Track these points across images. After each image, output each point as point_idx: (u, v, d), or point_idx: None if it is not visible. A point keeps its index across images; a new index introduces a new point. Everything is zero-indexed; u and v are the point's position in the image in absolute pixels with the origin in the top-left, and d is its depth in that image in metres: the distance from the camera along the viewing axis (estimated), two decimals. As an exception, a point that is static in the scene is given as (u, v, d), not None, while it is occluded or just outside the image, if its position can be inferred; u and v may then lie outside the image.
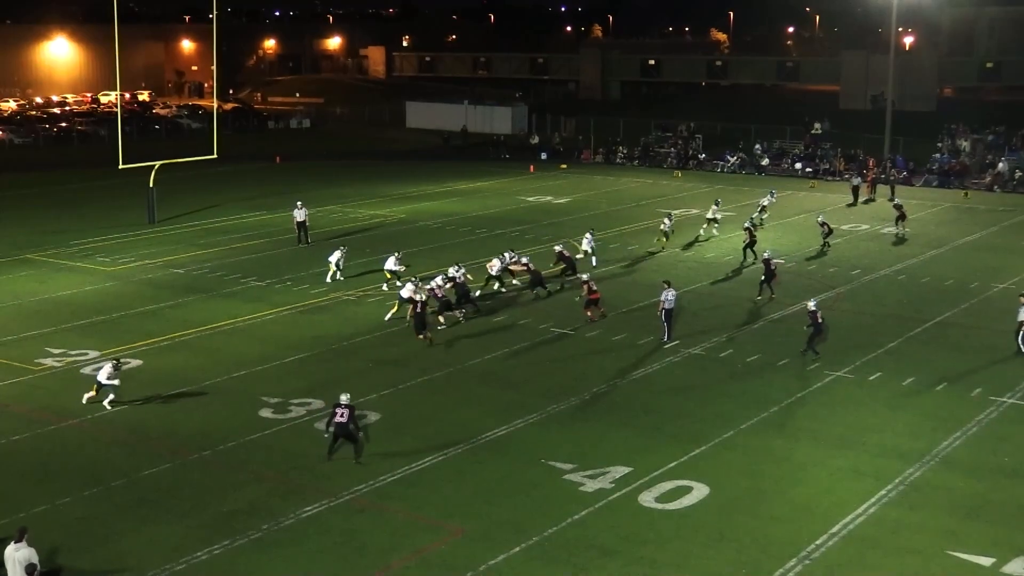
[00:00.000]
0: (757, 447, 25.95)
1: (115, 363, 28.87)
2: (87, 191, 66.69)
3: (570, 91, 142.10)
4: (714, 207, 53.22)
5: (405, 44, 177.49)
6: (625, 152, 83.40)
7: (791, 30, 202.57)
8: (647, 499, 22.91)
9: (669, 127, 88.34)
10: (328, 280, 41.93)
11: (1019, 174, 68.55)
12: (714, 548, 20.91)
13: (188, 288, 41.68)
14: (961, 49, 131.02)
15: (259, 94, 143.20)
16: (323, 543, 21.11)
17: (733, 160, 78.28)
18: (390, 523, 21.99)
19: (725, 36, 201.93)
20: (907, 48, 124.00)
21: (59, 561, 20.26)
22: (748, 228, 46.78)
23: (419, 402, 29.04)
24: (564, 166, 79.52)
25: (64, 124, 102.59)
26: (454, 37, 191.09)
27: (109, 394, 28.60)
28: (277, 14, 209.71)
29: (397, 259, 41.25)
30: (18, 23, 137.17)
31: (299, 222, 49.74)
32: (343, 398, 25.12)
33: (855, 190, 63.08)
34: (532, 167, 78.24)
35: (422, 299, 34.86)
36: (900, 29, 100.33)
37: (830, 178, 72.88)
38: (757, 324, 36.60)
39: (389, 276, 41.02)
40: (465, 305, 37.38)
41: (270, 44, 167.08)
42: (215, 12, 60.40)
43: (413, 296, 35.10)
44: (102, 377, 28.45)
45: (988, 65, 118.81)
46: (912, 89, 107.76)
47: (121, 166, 54.21)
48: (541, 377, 31.15)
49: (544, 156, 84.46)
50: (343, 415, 24.82)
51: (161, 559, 20.43)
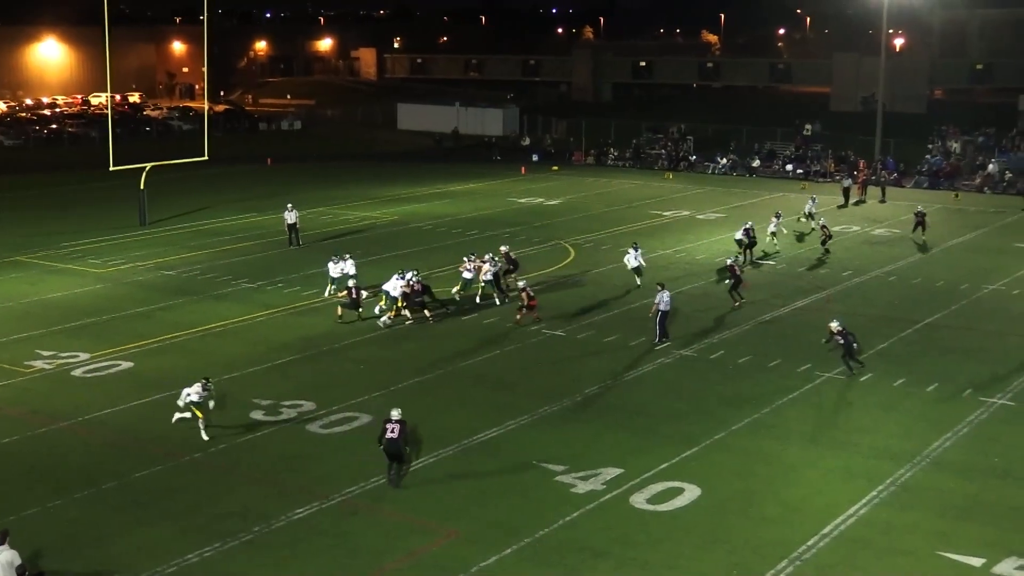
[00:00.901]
0: (748, 448, 25.99)
1: (204, 383, 26.81)
2: (77, 193, 66.59)
3: (562, 93, 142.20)
4: (775, 220, 49.65)
5: (397, 46, 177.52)
6: (616, 154, 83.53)
7: (782, 32, 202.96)
8: (639, 500, 22.93)
9: (660, 129, 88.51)
10: (326, 295, 40.37)
11: (1009, 175, 68.79)
12: (706, 549, 20.94)
13: (179, 290, 41.63)
14: (952, 51, 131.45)
15: (250, 96, 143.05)
16: (315, 545, 21.10)
17: (724, 162, 78.42)
18: (383, 525, 22.00)
19: (716, 38, 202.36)
20: (898, 50, 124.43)
21: (50, 564, 20.21)
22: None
23: (411, 404, 28.97)
24: (555, 168, 79.56)
25: (55, 126, 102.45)
26: (446, 39, 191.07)
27: (200, 415, 26.32)
28: (268, 16, 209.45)
29: (335, 260, 40.96)
30: (8, 24, 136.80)
31: (290, 224, 49.73)
32: (394, 413, 23.82)
33: (846, 191, 63.25)
34: (523, 169, 78.27)
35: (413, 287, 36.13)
36: (891, 31, 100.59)
37: (821, 179, 73.04)
38: (748, 325, 36.66)
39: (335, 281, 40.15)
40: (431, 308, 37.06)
41: (261, 46, 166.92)
42: (206, 14, 60.33)
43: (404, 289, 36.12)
44: (193, 397, 26.44)
45: (979, 67, 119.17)
46: (903, 91, 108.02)
47: (112, 168, 54.11)
48: (533, 379, 31.17)
49: (536, 158, 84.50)
50: (394, 431, 23.41)
51: (153, 562, 20.40)
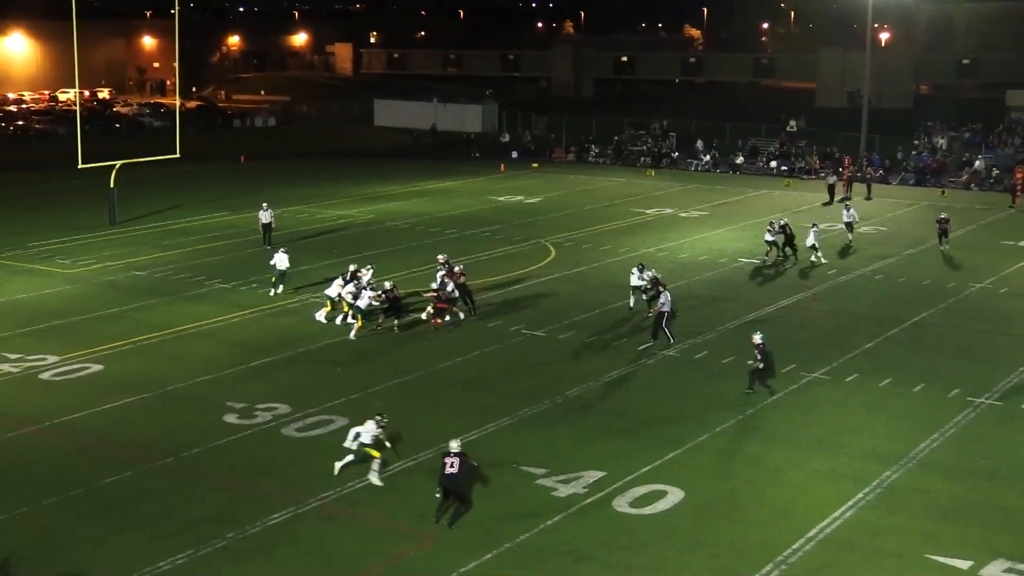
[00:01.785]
0: (732, 450, 26.06)
1: (379, 419, 24.45)
2: (45, 191, 66.24)
3: (542, 89, 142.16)
4: (813, 231, 46.31)
5: (373, 41, 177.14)
6: (598, 151, 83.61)
7: (766, 26, 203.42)
8: (621, 504, 22.95)
9: (642, 125, 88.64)
10: (273, 293, 40.54)
11: (996, 172, 69.12)
12: (689, 553, 20.98)
13: (151, 291, 41.47)
14: (938, 46, 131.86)
15: (223, 92, 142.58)
16: (291, 551, 21.05)
17: (706, 158, 78.59)
18: (360, 530, 21.96)
19: (699, 33, 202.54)
20: (883, 45, 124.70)
21: (19, 572, 20.12)
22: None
23: (389, 406, 28.87)
24: (536, 165, 79.57)
25: (21, 122, 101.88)
26: (423, 33, 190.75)
27: (377, 455, 24.12)
28: (242, 10, 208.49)
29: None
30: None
31: (265, 223, 49.50)
32: (454, 445, 22.20)
33: (831, 188, 63.41)
34: (503, 166, 78.25)
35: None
36: (876, 25, 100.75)
37: (806, 176, 73.26)
38: (732, 325, 36.74)
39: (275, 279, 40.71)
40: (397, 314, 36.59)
41: (234, 41, 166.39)
42: (177, 7, 60.16)
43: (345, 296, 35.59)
44: (365, 438, 24.04)
45: (965, 62, 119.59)
46: (889, 86, 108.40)
47: (81, 165, 53.85)
48: (513, 380, 31.17)
49: (515, 155, 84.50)
50: (453, 465, 21.82)
51: (124, 569, 20.30)
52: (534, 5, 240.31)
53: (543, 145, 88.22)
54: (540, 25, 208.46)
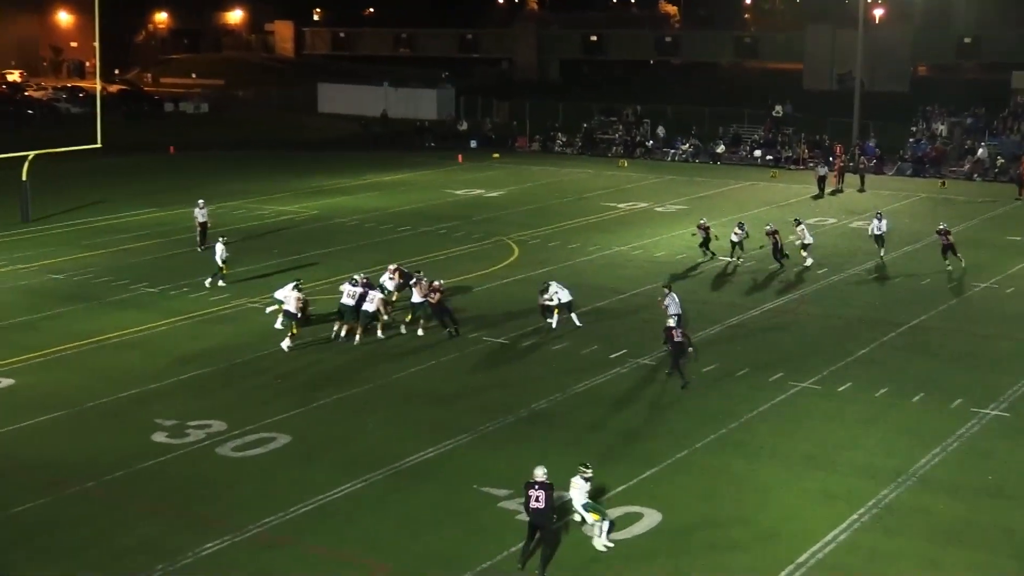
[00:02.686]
0: (715, 468, 26.11)
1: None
2: (-49, 186, 65.66)
3: (503, 71, 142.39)
4: (802, 229, 45.53)
5: (316, 18, 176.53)
6: (565, 139, 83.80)
7: (749, 2, 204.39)
8: (593, 528, 22.92)
9: (614, 111, 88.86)
10: (208, 284, 41.85)
11: (1001, 161, 69.65)
12: (669, 582, 21.02)
13: (70, 296, 41.16)
14: (936, 23, 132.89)
15: (150, 75, 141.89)
16: (227, 584, 20.94)
17: (686, 147, 78.90)
18: (304, 560, 21.84)
19: (675, 9, 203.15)
20: (877, 21, 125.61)
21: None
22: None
23: (335, 422, 28.89)
24: (497, 155, 79.65)
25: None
26: (372, 10, 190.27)
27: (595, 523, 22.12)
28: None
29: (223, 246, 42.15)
30: None
31: (201, 223, 48.88)
32: (539, 473, 21.23)
33: (821, 180, 63.62)
34: (460, 157, 78.28)
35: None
36: (869, 1, 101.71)
37: (793, 167, 73.71)
38: (714, 330, 36.87)
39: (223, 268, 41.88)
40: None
41: (162, 18, 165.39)
42: (97, -19, 59.70)
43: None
44: (581, 498, 22.11)
45: (966, 40, 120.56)
46: (883, 67, 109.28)
47: (-11, 157, 53.50)
48: (473, 392, 31.14)
49: (474, 144, 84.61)
50: (539, 499, 20.96)
51: (40, 606, 20.14)
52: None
53: (505, 134, 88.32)
54: (501, 1, 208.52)
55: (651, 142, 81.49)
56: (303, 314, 35.44)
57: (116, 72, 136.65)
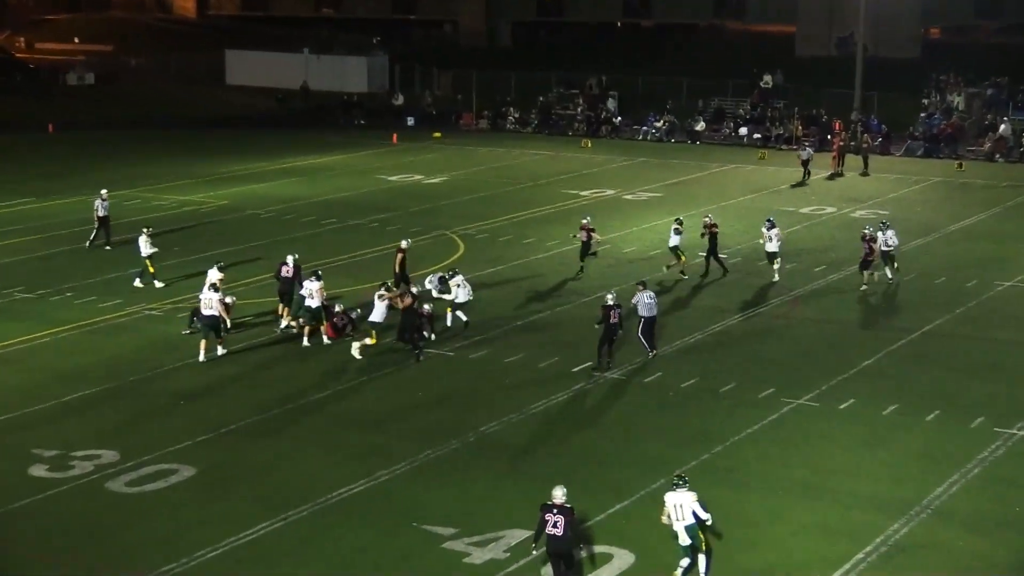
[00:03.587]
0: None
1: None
2: None
3: (446, 36, 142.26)
4: (772, 232, 43.47)
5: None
6: (518, 116, 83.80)
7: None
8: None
9: (575, 83, 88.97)
10: (139, 284, 42.21)
11: (1027, 138, 70.23)
12: (643, 634, 21.11)
13: (-70, 303, 40.87)
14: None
15: (22, 39, 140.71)
16: (121, 643, 20.85)
17: (659, 125, 79.11)
18: (212, 614, 21.79)
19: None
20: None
21: None
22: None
23: (249, 450, 28.78)
24: (438, 135, 79.57)
25: None
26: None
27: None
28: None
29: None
30: None
31: (101, 216, 48.27)
32: (557, 494, 21.46)
33: (805, 164, 63.07)
34: (395, 136, 78.20)
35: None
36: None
37: (785, 147, 73.93)
38: (694, 338, 37.00)
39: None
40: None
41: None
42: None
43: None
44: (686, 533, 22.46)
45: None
46: (889, 30, 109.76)
47: None
48: (411, 414, 31.11)
49: (411, 122, 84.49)
50: (558, 524, 21.15)
51: None
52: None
53: (447, 109, 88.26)
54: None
55: (618, 119, 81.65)
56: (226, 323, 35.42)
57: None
